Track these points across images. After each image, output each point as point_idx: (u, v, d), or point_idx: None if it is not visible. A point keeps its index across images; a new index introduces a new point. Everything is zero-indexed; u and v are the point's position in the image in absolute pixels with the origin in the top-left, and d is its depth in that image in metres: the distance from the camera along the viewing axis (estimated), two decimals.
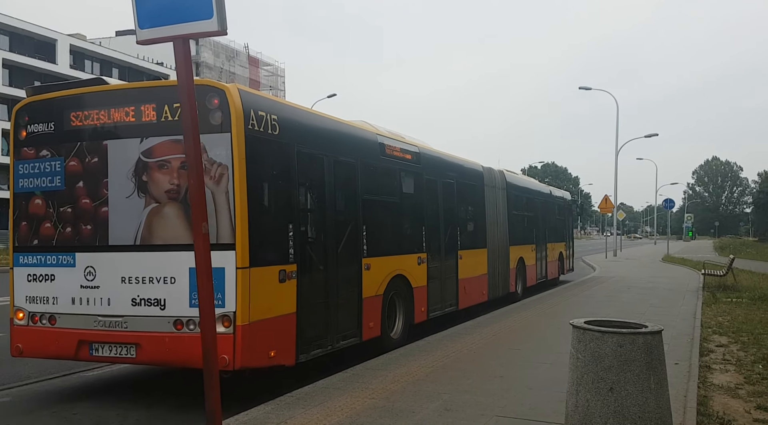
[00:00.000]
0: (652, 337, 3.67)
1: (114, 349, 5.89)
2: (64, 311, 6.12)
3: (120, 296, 5.88)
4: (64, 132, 6.24)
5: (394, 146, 8.88)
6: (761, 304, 12.84)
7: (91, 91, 6.30)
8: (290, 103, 7.04)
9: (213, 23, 3.14)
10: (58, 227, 6.25)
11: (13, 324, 6.34)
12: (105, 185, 6.05)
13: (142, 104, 5.91)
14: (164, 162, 5.81)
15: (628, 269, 24.89)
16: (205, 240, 3.27)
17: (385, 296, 8.18)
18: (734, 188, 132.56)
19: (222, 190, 5.57)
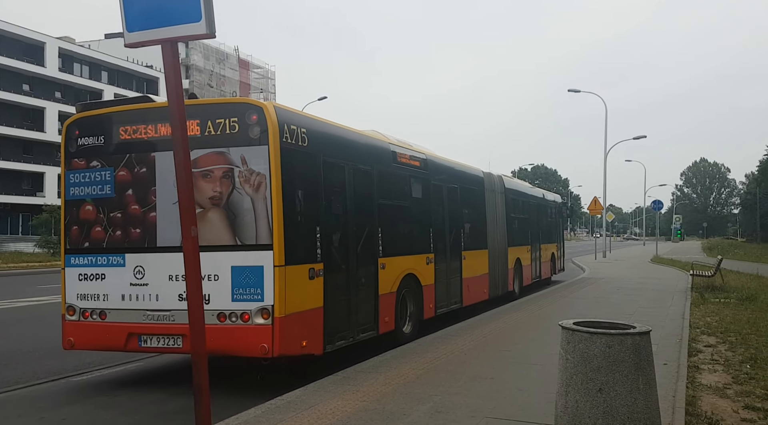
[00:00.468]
0: (640, 338, 3.69)
1: (162, 340, 6.52)
2: (114, 307, 6.68)
3: (167, 293, 6.47)
4: (113, 145, 6.88)
5: (404, 154, 9.54)
6: (749, 304, 12.95)
7: (139, 108, 6.95)
8: (316, 117, 7.60)
9: (201, 26, 3.13)
10: (108, 230, 6.86)
11: (65, 319, 6.92)
12: (153, 192, 6.67)
13: (187, 120, 5.94)
14: (208, 171, 6.41)
15: (618, 271, 25.03)
16: (193, 243, 3.26)
17: (398, 293, 8.81)
18: (722, 190, 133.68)
19: (260, 197, 6.23)
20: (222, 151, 6.35)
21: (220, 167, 6.36)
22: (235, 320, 6.18)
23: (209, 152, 6.39)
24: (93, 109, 7.13)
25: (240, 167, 6.31)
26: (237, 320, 6.18)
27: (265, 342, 6.05)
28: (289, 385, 6.21)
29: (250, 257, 6.21)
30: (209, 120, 6.41)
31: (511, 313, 11.48)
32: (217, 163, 6.37)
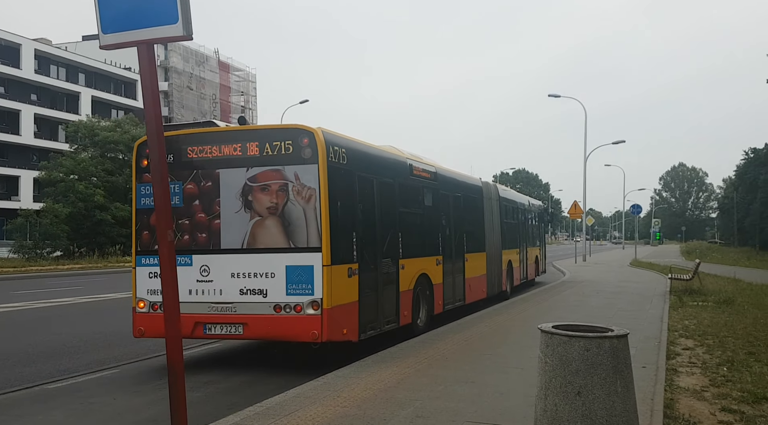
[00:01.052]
0: (618, 341, 3.71)
1: (225, 328, 7.58)
2: (182, 300, 7.20)
3: (230, 288, 7.52)
4: (181, 162, 7.84)
5: (418, 167, 10.68)
6: (726, 307, 13.12)
7: (205, 131, 8.09)
8: (352, 138, 8.58)
9: (178, 28, 3.09)
10: (177, 235, 7.75)
11: (135, 311, 7.91)
12: (218, 203, 7.71)
13: (247, 142, 7.65)
14: (265, 185, 7.51)
15: (597, 274, 25.25)
16: (170, 247, 3.21)
17: (414, 290, 9.84)
18: (700, 194, 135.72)
19: (311, 207, 7.34)
20: (278, 168, 7.49)
21: (277, 182, 7.49)
22: (289, 311, 7.30)
23: (267, 170, 7.52)
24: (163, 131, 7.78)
25: (293, 182, 7.44)
26: (291, 311, 7.30)
27: (315, 329, 7.18)
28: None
29: (302, 258, 7.33)
30: (267, 142, 7.53)
31: (493, 317, 11.52)
32: (273, 178, 7.50)
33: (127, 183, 39.98)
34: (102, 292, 18.40)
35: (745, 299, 14.73)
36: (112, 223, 37.40)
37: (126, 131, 40.10)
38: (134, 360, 8.60)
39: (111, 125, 41.75)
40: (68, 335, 10.74)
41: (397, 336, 9.10)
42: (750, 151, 57.92)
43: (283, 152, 7.48)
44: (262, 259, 7.51)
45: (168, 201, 3.29)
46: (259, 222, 7.55)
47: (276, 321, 7.33)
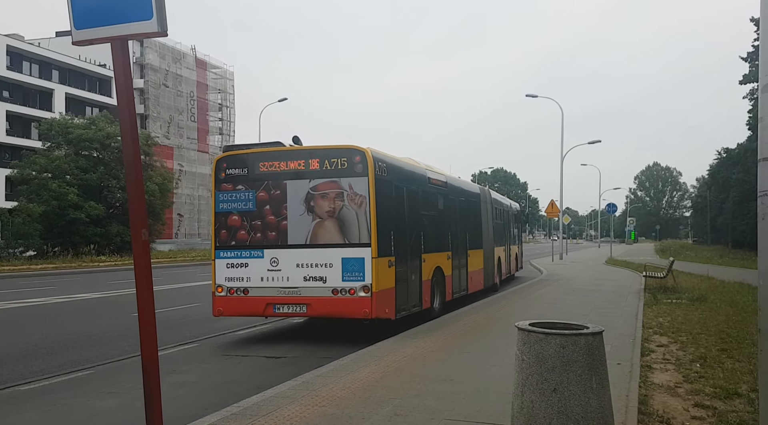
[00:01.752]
0: (593, 338, 3.75)
1: (291, 308, 9.39)
2: (256, 286, 9.53)
3: (295, 275, 9.33)
4: (255, 175, 9.72)
5: (433, 177, 12.60)
6: (699, 305, 13.34)
7: (274, 150, 9.86)
8: (390, 155, 10.50)
9: (153, 24, 3.04)
10: (250, 233, 9.68)
11: (215, 295, 9.69)
12: (285, 208, 9.54)
13: (309, 159, 9.48)
14: (325, 193, 9.33)
15: (574, 272, 25.52)
16: (145, 247, 3.16)
17: (432, 280, 11.65)
18: (674, 193, 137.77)
19: (362, 211, 9.17)
20: (335, 180, 9.31)
21: (334, 191, 9.29)
22: (345, 294, 9.11)
23: (326, 181, 9.33)
24: (236, 150, 10.15)
25: (348, 190, 9.26)
26: (346, 294, 9.11)
27: (366, 308, 9.02)
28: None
29: (354, 251, 9.13)
30: (326, 159, 9.36)
31: (472, 315, 11.58)
32: (332, 188, 9.31)
33: (101, 181, 39.48)
34: (76, 292, 18.12)
35: (717, 296, 14.99)
36: (87, 222, 36.84)
37: (100, 128, 39.53)
38: (108, 360, 8.49)
39: (85, 122, 41.07)
40: (41, 336, 10.56)
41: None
42: (723, 151, 58.94)
43: (340, 166, 9.33)
44: (322, 252, 9.32)
45: (143, 201, 3.24)
46: (319, 223, 9.39)
47: (334, 301, 9.15)
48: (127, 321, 11.50)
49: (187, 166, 63.45)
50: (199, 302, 14.71)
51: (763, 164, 2.74)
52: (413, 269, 10.72)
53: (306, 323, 12.00)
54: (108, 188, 40.58)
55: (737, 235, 48.87)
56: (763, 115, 2.73)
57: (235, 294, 9.60)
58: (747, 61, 40.66)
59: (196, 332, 10.73)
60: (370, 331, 9.89)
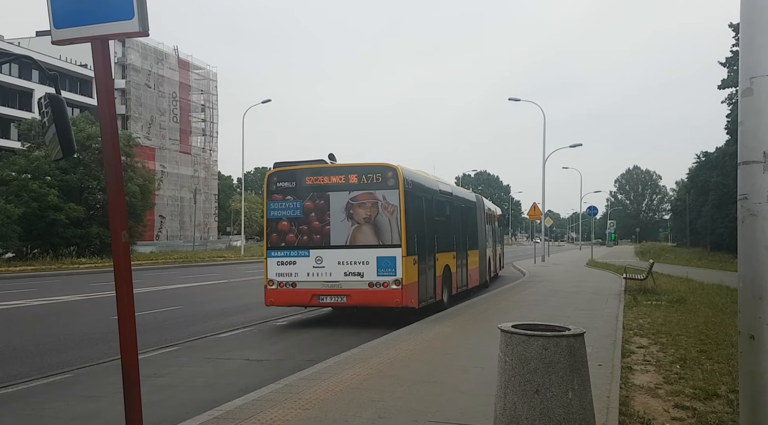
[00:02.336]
0: (574, 339, 3.77)
1: (333, 298, 11.13)
2: (303, 280, 11.27)
3: (337, 271, 11.08)
4: (302, 187, 11.50)
5: (443, 188, 14.62)
6: (679, 307, 13.48)
7: (318, 167, 11.64)
8: (413, 170, 12.51)
9: (134, 24, 3.00)
10: (298, 236, 11.44)
11: (267, 288, 11.51)
12: (328, 215, 11.31)
13: (349, 174, 11.30)
14: (362, 203, 11.16)
15: (555, 274, 25.69)
16: (125, 249, 3.12)
17: (443, 276, 13.48)
18: (654, 196, 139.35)
19: (394, 218, 11.02)
20: (372, 192, 11.16)
21: (370, 201, 11.14)
22: (379, 286, 10.90)
23: (364, 192, 11.19)
24: (285, 166, 11.82)
25: (382, 201, 11.11)
26: (380, 286, 10.90)
27: (397, 298, 10.84)
28: None
29: (387, 251, 10.95)
30: (363, 174, 11.24)
31: (455, 317, 11.61)
32: (368, 199, 11.16)
33: (82, 182, 39.01)
34: (56, 294, 17.87)
35: (697, 298, 15.17)
36: (66, 223, 36.36)
37: (81, 129, 39.03)
38: (89, 364, 8.38)
39: None
40: (20, 339, 10.40)
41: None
42: (702, 155, 59.77)
43: (375, 181, 11.18)
44: (360, 252, 11.08)
45: (123, 202, 3.20)
46: (357, 227, 11.18)
47: (370, 293, 10.93)
48: (107, 324, 11.36)
49: (169, 167, 62.92)
50: (181, 305, 14.59)
51: (742, 167, 2.77)
52: (430, 267, 12.54)
53: (289, 325, 11.95)
54: (88, 189, 40.12)
55: (716, 238, 49.55)
56: (743, 119, 2.77)
57: (284, 287, 11.41)
58: (726, 66, 41.26)
59: (178, 335, 10.63)
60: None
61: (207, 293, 18.74)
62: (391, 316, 11.84)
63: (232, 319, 12.49)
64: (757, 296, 2.70)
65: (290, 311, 13.68)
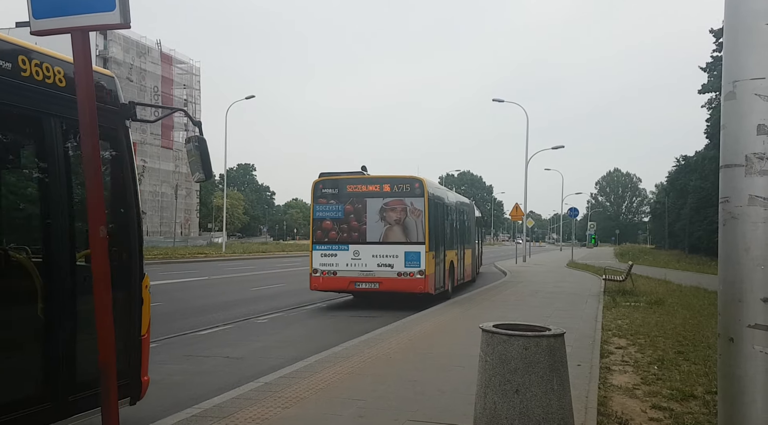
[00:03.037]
0: (555, 340, 3.79)
1: (368, 284, 13.42)
2: (342, 269, 13.54)
3: (371, 263, 13.38)
4: (343, 193, 13.84)
5: (451, 196, 18.25)
6: (657, 308, 13.64)
7: (358, 177, 14.17)
8: (433, 182, 15.63)
9: (115, 15, 2.95)
10: (339, 233, 13.75)
11: (312, 276, 13.76)
12: (365, 216, 13.63)
13: (383, 184, 13.77)
14: (393, 207, 13.52)
15: (536, 274, 25.86)
16: (102, 244, 3.07)
17: (449, 269, 15.94)
18: (634, 199, 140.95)
19: (420, 220, 13.34)
20: (401, 199, 13.58)
21: (400, 206, 13.57)
22: (406, 276, 13.23)
23: (395, 199, 13.56)
24: (330, 176, 14.18)
25: (410, 206, 13.53)
26: (407, 276, 13.23)
27: (421, 286, 13.28)
28: None
29: (413, 247, 13.34)
30: (395, 184, 13.74)
31: (437, 316, 11.63)
32: (399, 205, 13.59)
33: None
34: None
35: (674, 300, 15.36)
36: None
37: None
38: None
39: None
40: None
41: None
42: (681, 158, 60.50)
43: (404, 190, 13.70)
44: (391, 248, 13.47)
45: (101, 197, 3.15)
46: (389, 227, 13.58)
47: (398, 281, 13.33)
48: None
49: (150, 162, 62.24)
50: (161, 302, 14.45)
51: (724, 170, 2.80)
52: (441, 261, 15.01)
53: (270, 322, 11.90)
54: None
55: (694, 240, 50.20)
56: (725, 122, 2.79)
57: (327, 275, 13.66)
58: (706, 71, 41.83)
59: (157, 332, 10.46)
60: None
61: (187, 290, 18.59)
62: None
63: (212, 316, 12.40)
64: (737, 299, 2.72)
65: (283, 306, 13.97)
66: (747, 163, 2.68)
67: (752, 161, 2.67)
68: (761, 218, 2.66)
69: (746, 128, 2.68)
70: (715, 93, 41.12)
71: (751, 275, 2.68)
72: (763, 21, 2.63)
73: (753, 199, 2.67)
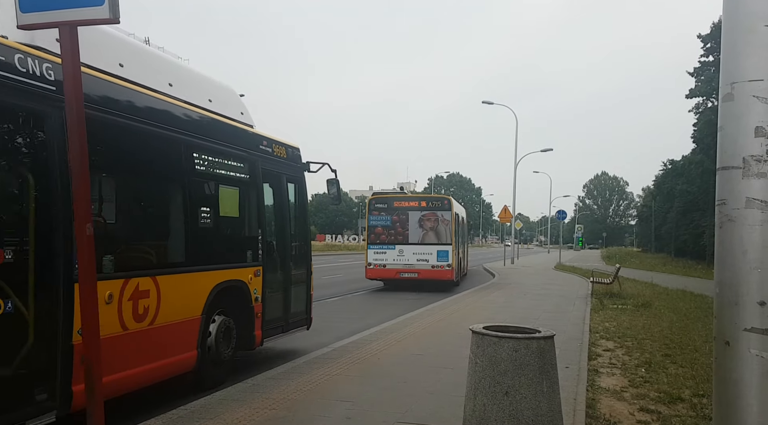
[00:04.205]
0: (545, 342, 3.78)
1: (409, 274, 18.55)
2: (390, 263, 18.69)
3: (412, 258, 18.61)
4: (391, 207, 19.15)
5: (459, 207, 22.82)
6: (644, 311, 13.71)
7: (402, 195, 21.29)
8: (455, 201, 20.88)
9: (104, 10, 2.90)
10: (388, 237, 18.94)
11: (367, 268, 18.86)
12: (408, 224, 18.89)
13: (420, 201, 19.70)
14: (428, 218, 18.90)
15: (524, 276, 25.93)
16: (89, 242, 3.01)
17: (459, 264, 21.22)
18: (621, 202, 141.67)
19: (448, 228, 18.78)
20: (435, 212, 18.89)
21: (434, 217, 18.82)
22: (438, 268, 18.52)
23: (429, 212, 18.82)
24: (380, 194, 20.44)
25: (440, 217, 18.85)
26: (438, 268, 18.53)
27: (449, 275, 18.78)
28: None
29: (443, 247, 18.56)
30: (429, 201, 19.32)
31: (426, 317, 11.61)
32: (432, 216, 18.86)
33: None
34: None
35: (661, 303, 15.45)
36: None
37: None
38: None
39: None
40: None
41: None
42: (668, 162, 60.96)
43: (437, 205, 18.99)
44: (427, 247, 18.58)
45: (88, 195, 3.10)
46: (425, 232, 18.73)
47: (432, 271, 18.42)
48: None
49: None
50: None
51: (721, 172, 2.79)
52: (459, 255, 20.61)
53: None
54: None
55: (680, 244, 50.57)
56: (723, 124, 2.78)
57: (378, 267, 18.85)
58: (693, 76, 42.14)
59: None
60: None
61: None
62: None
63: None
64: (733, 302, 2.71)
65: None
66: (744, 165, 2.67)
67: (750, 163, 2.66)
68: (758, 220, 2.65)
69: (744, 130, 2.67)
70: (702, 98, 41.45)
71: (748, 278, 2.67)
72: (762, 22, 2.63)
73: (750, 201, 2.67)
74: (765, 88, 2.62)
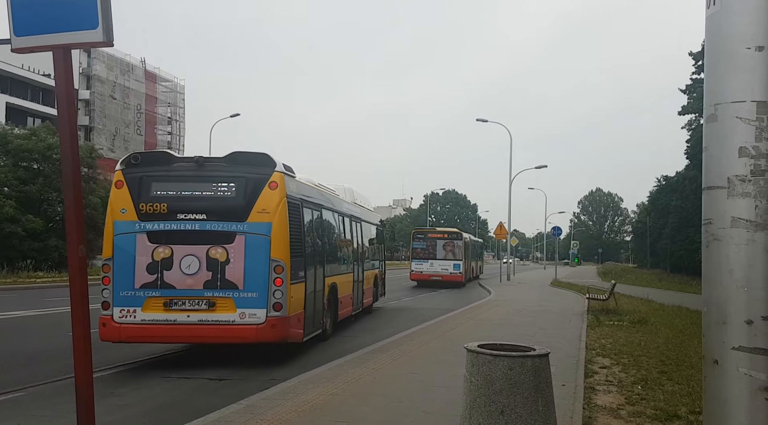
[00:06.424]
0: (539, 360, 3.78)
1: (436, 278, 32.49)
2: (425, 271, 33.20)
3: (438, 269, 33.03)
4: (426, 237, 34.70)
5: (467, 236, 37.84)
6: (640, 327, 13.70)
7: (434, 230, 40.08)
8: (465, 233, 38.88)
9: (98, 34, 2.92)
10: (424, 254, 33.58)
11: (411, 273, 33.67)
12: (435, 248, 33.61)
13: (444, 234, 35.57)
14: (448, 243, 33.84)
15: (520, 293, 25.91)
16: (81, 263, 3.01)
17: (467, 272, 35.57)
18: (615, 218, 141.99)
19: (461, 251, 33.48)
20: (452, 241, 33.96)
21: (452, 244, 33.69)
22: (454, 275, 32.89)
23: (449, 241, 33.87)
24: (419, 229, 41.04)
25: (457, 243, 33.82)
26: (454, 274, 32.92)
27: (460, 279, 33.03)
28: None
29: (457, 262, 33.12)
30: (449, 234, 35.26)
31: (422, 335, 11.57)
32: (451, 244, 33.73)
33: (41, 194, 37.99)
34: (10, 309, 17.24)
35: (657, 319, 15.44)
36: (24, 236, 35.25)
37: (42, 139, 38.04)
38: (41, 382, 8.08)
39: (26, 132, 39.49)
40: None
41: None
42: (662, 178, 61.24)
43: (454, 237, 34.17)
44: (447, 262, 32.93)
45: (81, 215, 3.10)
46: (446, 253, 33.18)
47: (450, 276, 32.48)
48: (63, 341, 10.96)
49: None
50: None
51: (707, 192, 2.82)
52: (468, 268, 34.98)
53: None
54: (48, 200, 38.96)
55: (675, 260, 50.66)
56: (707, 144, 2.82)
57: (417, 273, 32.60)
58: (686, 93, 42.54)
59: (135, 353, 10.33)
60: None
61: None
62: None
63: None
64: (720, 321, 2.73)
65: None
66: (729, 185, 2.70)
67: (734, 183, 2.69)
68: (744, 239, 2.67)
69: (728, 150, 2.70)
70: (694, 114, 41.80)
71: (735, 297, 2.68)
72: (743, 45, 2.68)
73: (735, 221, 2.69)
74: (748, 110, 2.66)
